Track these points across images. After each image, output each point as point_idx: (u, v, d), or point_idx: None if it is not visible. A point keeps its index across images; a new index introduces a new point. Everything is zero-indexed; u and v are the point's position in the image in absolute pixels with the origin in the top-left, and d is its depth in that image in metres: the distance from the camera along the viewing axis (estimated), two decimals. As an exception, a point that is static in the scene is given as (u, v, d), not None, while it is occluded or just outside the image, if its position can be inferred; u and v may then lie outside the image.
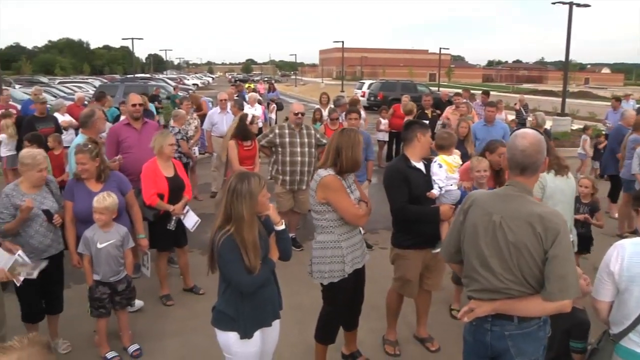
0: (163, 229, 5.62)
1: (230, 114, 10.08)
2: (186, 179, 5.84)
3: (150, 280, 5.79)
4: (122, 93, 20.47)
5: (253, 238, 3.19)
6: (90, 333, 5.00)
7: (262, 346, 3.47)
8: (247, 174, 3.29)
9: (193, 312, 5.61)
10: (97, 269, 4.59)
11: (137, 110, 6.46)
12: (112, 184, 4.88)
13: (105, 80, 41.99)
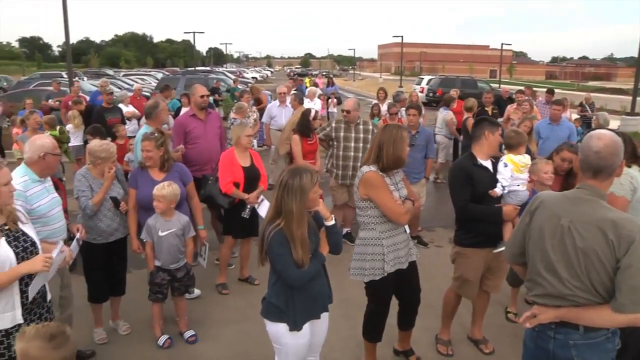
0: (237, 217, 5.76)
1: (289, 108, 10.15)
2: (262, 169, 5.95)
3: (207, 268, 5.91)
4: (183, 85, 20.94)
5: (302, 233, 3.21)
6: (149, 317, 5.16)
7: (311, 338, 3.50)
8: (300, 170, 3.30)
9: (248, 302, 5.70)
10: (158, 255, 4.74)
11: (205, 101, 6.62)
12: (174, 174, 5.04)
13: (168, 73, 43.00)
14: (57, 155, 4.25)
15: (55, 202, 4.20)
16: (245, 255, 6.22)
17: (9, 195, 3.21)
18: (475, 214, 4.35)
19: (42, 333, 2.21)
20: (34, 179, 4.08)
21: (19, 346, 2.21)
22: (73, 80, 15.51)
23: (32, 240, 3.29)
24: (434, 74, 50.83)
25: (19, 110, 13.19)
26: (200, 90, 6.68)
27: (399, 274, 4.11)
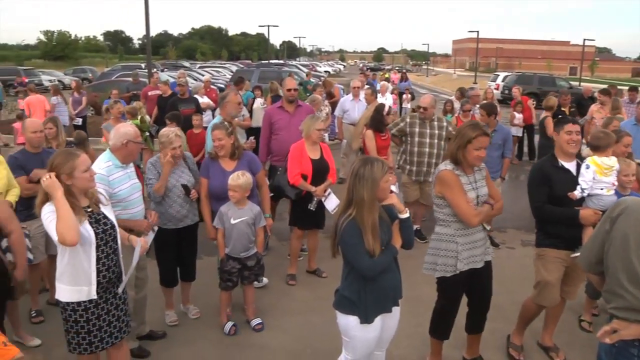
0: (304, 209, 5.81)
1: (363, 102, 10.12)
2: (332, 162, 5.97)
3: (276, 259, 6.01)
4: (257, 78, 21.26)
5: (372, 221, 3.22)
6: (218, 303, 5.30)
7: (381, 333, 3.48)
8: (371, 159, 3.34)
9: (315, 294, 5.75)
10: (229, 243, 4.85)
11: (292, 94, 6.71)
12: (244, 163, 5.14)
13: (242, 65, 43.81)
14: (138, 143, 4.42)
15: (135, 187, 4.37)
16: (312, 247, 6.27)
17: (89, 180, 3.41)
18: (551, 216, 4.21)
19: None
20: (117, 164, 4.28)
21: None
22: (152, 72, 16.06)
23: (112, 222, 3.51)
24: (510, 70, 49.33)
25: (103, 100, 13.82)
26: (288, 83, 6.82)
27: (473, 274, 4.02)
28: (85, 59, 77.79)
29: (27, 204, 4.90)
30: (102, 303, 3.51)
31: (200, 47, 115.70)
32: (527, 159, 13.20)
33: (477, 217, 3.90)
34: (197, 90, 12.03)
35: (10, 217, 4.05)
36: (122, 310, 3.65)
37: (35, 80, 34.91)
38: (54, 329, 5.10)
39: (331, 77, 45.92)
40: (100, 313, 3.51)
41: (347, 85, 14.75)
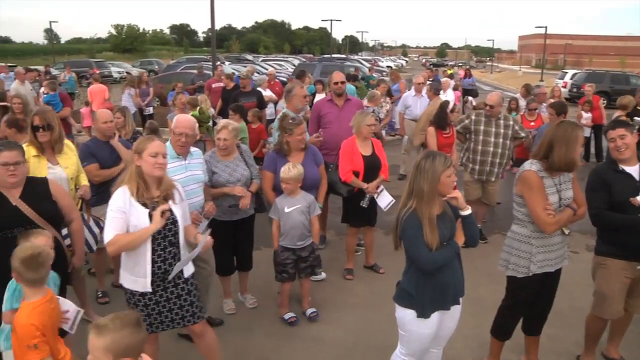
0: (356, 206, 5.77)
1: (425, 98, 9.98)
2: (384, 158, 5.90)
3: (332, 254, 6.02)
4: (319, 72, 21.34)
5: (430, 214, 3.21)
6: (275, 293, 5.36)
7: (438, 331, 3.45)
8: (434, 153, 3.34)
9: (371, 289, 5.74)
10: (284, 233, 4.89)
11: (339, 87, 6.68)
12: (309, 157, 5.21)
13: (304, 59, 44.08)
14: (192, 135, 4.48)
15: (192, 179, 4.43)
16: (369, 243, 6.24)
17: (153, 165, 3.47)
18: (610, 223, 3.99)
19: (128, 321, 2.33)
20: (173, 155, 4.39)
21: (106, 339, 2.25)
22: (216, 65, 16.34)
23: (175, 218, 3.55)
24: (579, 67, 47.48)
25: (169, 91, 14.20)
26: (335, 77, 6.77)
27: (545, 277, 3.91)
28: (152, 52, 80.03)
29: (97, 190, 5.11)
30: (160, 291, 3.59)
31: (263, 40, 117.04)
32: (595, 160, 12.70)
33: (553, 225, 3.74)
34: (260, 84, 12.16)
35: (72, 205, 4.20)
36: (185, 300, 3.69)
37: (105, 72, 36.41)
38: (118, 309, 5.27)
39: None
40: (158, 300, 3.60)
41: (409, 80, 14.59)
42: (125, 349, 2.27)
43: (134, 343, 2.31)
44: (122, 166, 5.27)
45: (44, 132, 4.55)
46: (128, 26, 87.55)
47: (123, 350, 2.27)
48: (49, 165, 4.61)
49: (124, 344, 2.27)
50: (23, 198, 3.68)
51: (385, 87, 11.52)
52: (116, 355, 2.26)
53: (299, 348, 4.71)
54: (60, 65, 34.67)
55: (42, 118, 4.57)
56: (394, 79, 14.33)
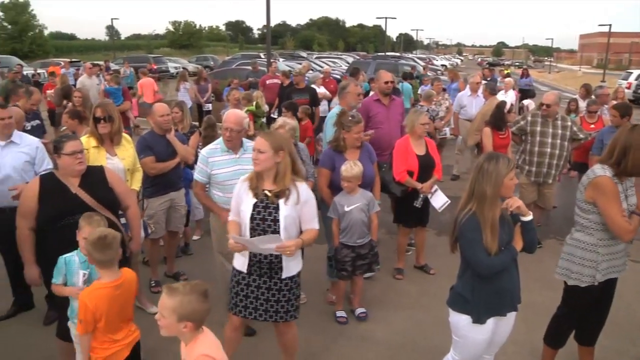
0: (409, 206, 5.73)
1: (481, 98, 9.80)
2: (437, 158, 5.84)
3: (384, 252, 5.96)
4: (373, 70, 21.24)
5: (493, 217, 3.13)
6: (324, 290, 5.38)
7: (492, 336, 3.37)
8: (497, 154, 3.25)
9: (421, 290, 5.69)
10: (344, 231, 4.89)
11: (388, 87, 6.64)
12: (365, 154, 5.19)
13: (358, 57, 43.98)
14: (238, 131, 4.53)
15: (239, 173, 4.41)
16: (420, 243, 6.18)
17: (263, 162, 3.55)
18: None
19: (197, 289, 2.54)
20: (223, 149, 4.54)
21: (175, 300, 2.50)
22: (271, 61, 16.51)
23: (277, 217, 3.55)
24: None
25: (224, 87, 14.44)
26: (384, 76, 6.72)
27: (605, 286, 3.77)
28: (208, 48, 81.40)
29: (152, 182, 5.25)
30: (254, 277, 3.71)
31: (317, 38, 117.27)
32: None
33: (632, 233, 3.59)
34: (314, 81, 12.21)
35: (128, 192, 4.33)
36: (283, 296, 3.75)
37: (162, 67, 37.34)
38: None
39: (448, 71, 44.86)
40: (249, 284, 3.74)
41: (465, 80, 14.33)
42: (190, 313, 2.49)
43: (198, 309, 2.51)
44: (177, 160, 5.41)
45: (105, 124, 4.69)
46: (185, 23, 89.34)
47: (188, 314, 2.49)
48: (108, 156, 4.75)
49: (190, 307, 2.48)
50: (82, 186, 3.82)
51: (440, 85, 11.36)
52: (181, 316, 2.49)
53: (346, 346, 4.71)
54: (120, 61, 35.74)
55: (104, 110, 4.72)
56: (452, 78, 14.11)
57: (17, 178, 4.64)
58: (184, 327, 2.52)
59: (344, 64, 34.69)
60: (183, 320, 2.49)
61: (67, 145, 3.76)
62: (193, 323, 2.53)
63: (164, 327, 2.56)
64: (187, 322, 2.51)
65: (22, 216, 3.80)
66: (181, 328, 2.52)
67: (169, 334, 2.60)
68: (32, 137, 5.05)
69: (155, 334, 4.72)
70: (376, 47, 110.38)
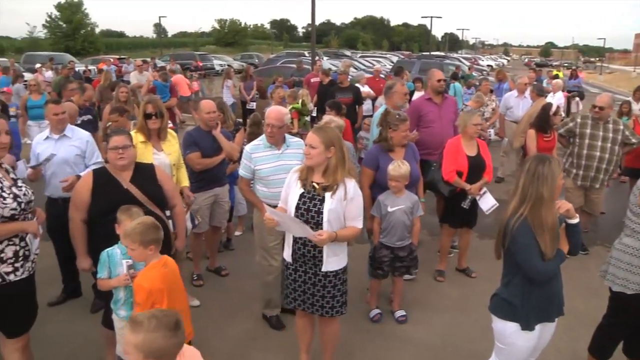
0: (456, 206, 5.68)
1: (528, 99, 9.61)
2: (489, 159, 5.75)
3: (426, 253, 5.95)
4: (417, 69, 21.09)
5: (552, 221, 3.07)
6: (365, 289, 5.38)
7: (537, 342, 3.32)
8: (546, 156, 3.19)
9: (462, 293, 5.63)
10: (385, 231, 4.88)
11: (441, 85, 6.61)
12: (410, 153, 5.19)
13: (402, 56, 43.66)
14: (280, 127, 4.55)
15: (283, 168, 4.47)
16: (463, 246, 6.10)
17: (314, 157, 3.60)
18: None
19: (165, 323, 2.27)
20: (266, 145, 4.59)
21: (138, 337, 2.23)
22: (315, 60, 16.57)
23: (320, 210, 3.62)
24: None
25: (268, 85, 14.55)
26: (437, 74, 6.68)
27: None
28: (252, 46, 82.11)
29: (197, 178, 5.35)
30: (299, 268, 3.81)
31: (361, 36, 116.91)
32: None
33: None
34: (359, 80, 12.19)
35: (175, 190, 4.42)
36: (328, 292, 3.82)
37: (208, 64, 37.89)
38: (211, 292, 5.58)
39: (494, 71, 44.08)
40: (295, 276, 3.85)
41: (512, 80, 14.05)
42: (155, 351, 2.25)
43: (164, 346, 2.26)
44: (222, 156, 5.49)
45: (156, 120, 4.81)
46: (230, 21, 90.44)
47: (154, 352, 2.25)
48: (154, 151, 4.85)
49: (155, 346, 2.24)
50: (133, 181, 3.93)
51: (488, 86, 11.18)
52: (147, 355, 2.24)
53: (385, 347, 4.70)
54: (166, 58, 36.43)
55: (155, 106, 4.84)
56: (501, 79, 13.83)
57: (68, 171, 4.84)
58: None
59: (388, 63, 34.50)
60: (149, 357, 2.25)
61: (111, 140, 3.91)
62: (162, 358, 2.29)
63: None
64: None
65: (76, 208, 3.93)
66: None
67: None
68: (84, 131, 5.24)
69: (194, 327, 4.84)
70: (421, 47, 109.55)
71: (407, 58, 35.70)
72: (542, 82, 14.29)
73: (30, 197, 3.56)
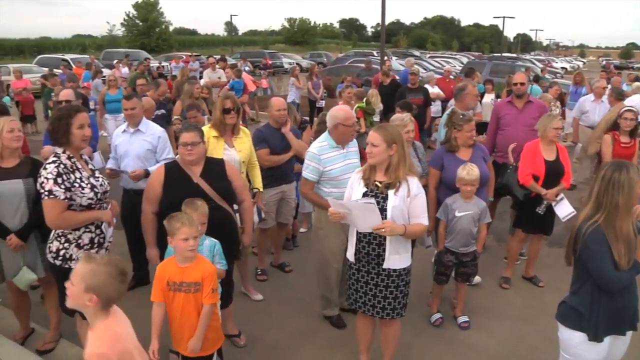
0: (531, 212, 5.52)
1: (605, 104, 9.21)
2: (568, 165, 5.56)
3: (492, 259, 5.82)
4: (488, 71, 20.63)
5: (627, 230, 2.95)
6: (427, 292, 5.35)
7: (607, 356, 3.19)
8: (624, 163, 3.06)
9: (528, 302, 5.48)
10: (450, 236, 4.81)
11: (519, 89, 6.50)
12: (478, 154, 5.12)
13: (472, 57, 42.80)
14: (348, 126, 4.58)
15: (349, 167, 4.51)
16: (533, 253, 5.90)
17: (376, 155, 3.63)
18: None
19: (115, 264, 2.43)
20: (332, 145, 4.59)
21: (86, 267, 2.38)
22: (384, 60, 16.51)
23: (384, 207, 3.63)
24: None
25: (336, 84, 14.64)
26: (517, 77, 6.61)
27: None
28: (321, 45, 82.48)
29: (266, 174, 5.44)
30: (362, 268, 3.83)
31: (431, 36, 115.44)
32: None
33: None
34: (428, 80, 12.08)
35: (244, 186, 4.51)
36: (390, 292, 3.83)
37: (277, 62, 38.41)
38: (274, 288, 5.68)
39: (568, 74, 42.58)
40: (358, 277, 3.87)
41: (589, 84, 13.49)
42: (98, 285, 2.36)
43: (108, 285, 2.38)
44: (291, 153, 5.56)
45: (234, 114, 4.95)
46: (300, 20, 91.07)
47: (96, 285, 2.36)
48: (225, 147, 4.97)
49: (100, 279, 2.36)
50: (203, 176, 4.05)
51: (558, 90, 10.81)
52: (88, 287, 2.35)
53: (446, 352, 4.65)
54: (237, 56, 37.16)
55: (233, 102, 4.99)
56: (578, 81, 13.25)
57: (139, 164, 5.08)
58: (88, 300, 2.37)
59: (457, 64, 33.91)
60: (90, 291, 2.35)
61: (181, 136, 4.02)
62: (98, 298, 2.38)
63: (70, 295, 2.41)
64: (92, 295, 2.36)
65: (148, 201, 4.09)
66: (86, 301, 2.37)
67: (73, 305, 2.45)
68: (157, 126, 5.44)
69: (254, 320, 4.97)
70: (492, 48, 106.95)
71: (477, 59, 35.00)
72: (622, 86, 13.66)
73: (106, 188, 3.76)
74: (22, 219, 4.02)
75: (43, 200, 3.43)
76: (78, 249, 3.56)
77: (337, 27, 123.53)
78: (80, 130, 3.57)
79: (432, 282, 5.13)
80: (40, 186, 3.43)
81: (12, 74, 18.17)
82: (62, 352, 4.42)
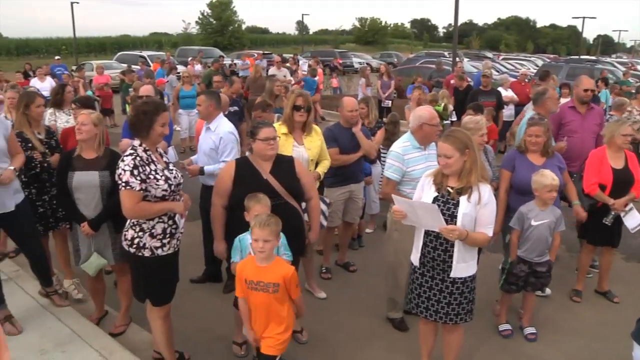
0: (598, 222, 5.29)
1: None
2: (637, 173, 5.28)
3: (563, 271, 5.61)
4: (565, 74, 19.86)
5: None
6: (494, 301, 5.24)
7: None
8: None
9: (600, 318, 5.23)
10: (524, 245, 4.66)
11: (588, 95, 6.24)
12: (554, 161, 4.95)
13: (548, 59, 41.36)
14: (434, 125, 4.52)
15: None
16: (605, 266, 5.63)
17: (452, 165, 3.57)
18: None
19: None
20: (415, 145, 4.55)
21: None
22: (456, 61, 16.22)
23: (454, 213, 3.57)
24: None
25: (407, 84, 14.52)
26: (586, 83, 6.30)
27: None
28: (392, 45, 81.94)
29: (334, 173, 5.47)
30: (426, 273, 3.79)
31: (505, 38, 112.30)
32: None
33: None
34: (501, 83, 11.81)
35: (312, 184, 4.55)
36: (455, 298, 3.78)
37: (347, 62, 38.48)
38: (338, 286, 5.72)
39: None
40: (422, 281, 3.83)
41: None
42: None
43: None
44: (360, 153, 5.57)
45: (304, 112, 5.01)
46: (371, 19, 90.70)
47: None
48: (295, 144, 5.04)
49: None
50: (272, 173, 4.12)
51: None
52: None
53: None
54: (308, 54, 37.45)
55: (305, 100, 5.05)
56: None
57: (205, 161, 5.27)
58: None
59: (532, 66, 32.83)
60: None
61: (262, 131, 4.08)
62: None
63: None
64: None
65: (218, 195, 4.20)
66: None
67: None
68: (225, 126, 5.33)
69: (317, 318, 5.00)
70: (569, 50, 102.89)
71: (553, 61, 33.76)
72: None
73: (180, 180, 3.88)
74: (96, 208, 4.32)
75: (120, 190, 3.58)
76: (151, 238, 3.69)
77: (408, 27, 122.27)
78: (161, 127, 3.72)
79: (497, 289, 5.01)
80: (118, 177, 3.57)
81: (95, 70, 19.04)
82: (131, 336, 4.64)
